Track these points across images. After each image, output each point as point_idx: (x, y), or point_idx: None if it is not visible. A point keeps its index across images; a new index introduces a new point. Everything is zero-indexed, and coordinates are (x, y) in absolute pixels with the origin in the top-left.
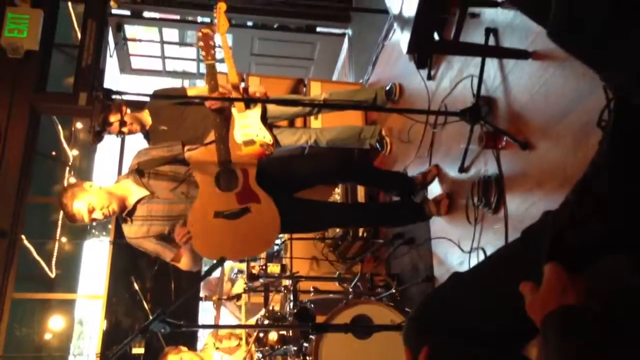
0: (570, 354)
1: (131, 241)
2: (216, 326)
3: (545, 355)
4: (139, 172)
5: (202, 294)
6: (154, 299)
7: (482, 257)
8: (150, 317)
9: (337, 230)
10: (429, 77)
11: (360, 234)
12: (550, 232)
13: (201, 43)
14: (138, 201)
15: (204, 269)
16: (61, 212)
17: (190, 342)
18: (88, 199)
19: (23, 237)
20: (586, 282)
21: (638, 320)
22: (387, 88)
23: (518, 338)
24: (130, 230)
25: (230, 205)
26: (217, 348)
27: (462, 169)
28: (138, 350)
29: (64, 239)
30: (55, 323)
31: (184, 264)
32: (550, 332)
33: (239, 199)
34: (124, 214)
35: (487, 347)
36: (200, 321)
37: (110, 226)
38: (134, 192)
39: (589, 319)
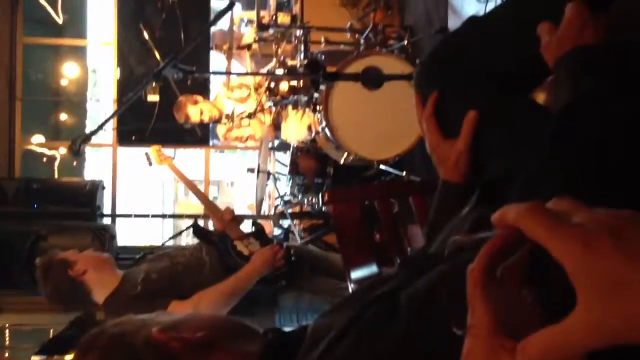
0: (582, 90)
1: None
2: (228, 73)
3: (556, 96)
4: None
5: (212, 44)
6: (164, 47)
7: None
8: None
9: None
10: None
11: None
12: None
13: None
14: None
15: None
16: None
17: (203, 92)
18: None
19: None
20: (607, 21)
21: None
22: None
23: (529, 82)
24: None
25: None
26: (229, 98)
27: None
28: (153, 97)
29: None
30: (69, 70)
31: None
32: (563, 71)
33: None
34: None
35: (499, 91)
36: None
37: None
38: None
39: (605, 59)
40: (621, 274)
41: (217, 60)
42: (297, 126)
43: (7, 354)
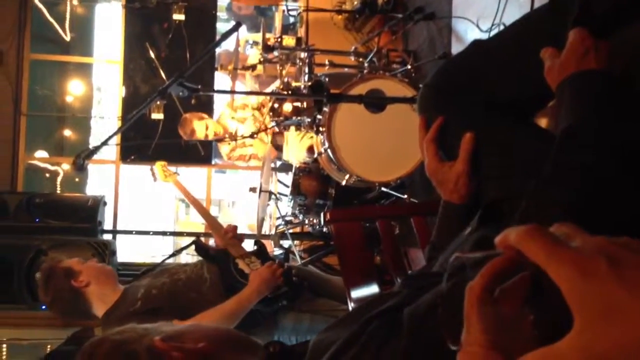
0: (584, 114)
1: None
2: (233, 92)
3: (560, 120)
4: None
5: (217, 65)
6: (169, 67)
7: None
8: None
9: (355, 2)
10: None
11: (379, 6)
12: None
13: None
14: None
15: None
16: None
17: (207, 111)
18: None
19: None
20: (610, 47)
21: None
22: None
23: (532, 106)
24: None
25: None
26: (232, 118)
27: None
28: (157, 115)
29: (75, 1)
30: (74, 87)
31: None
32: (566, 95)
33: None
34: None
35: (501, 115)
36: None
37: None
38: None
39: (607, 82)
40: (618, 301)
41: (221, 81)
42: (300, 147)
43: None
